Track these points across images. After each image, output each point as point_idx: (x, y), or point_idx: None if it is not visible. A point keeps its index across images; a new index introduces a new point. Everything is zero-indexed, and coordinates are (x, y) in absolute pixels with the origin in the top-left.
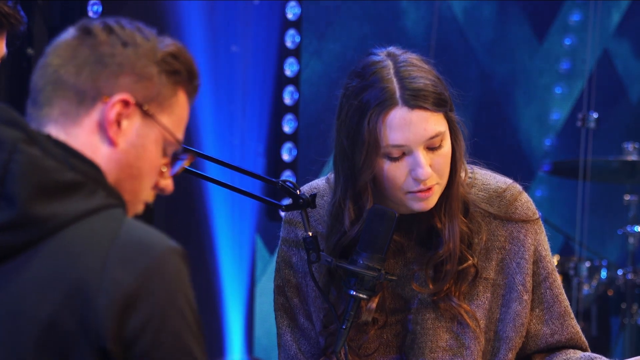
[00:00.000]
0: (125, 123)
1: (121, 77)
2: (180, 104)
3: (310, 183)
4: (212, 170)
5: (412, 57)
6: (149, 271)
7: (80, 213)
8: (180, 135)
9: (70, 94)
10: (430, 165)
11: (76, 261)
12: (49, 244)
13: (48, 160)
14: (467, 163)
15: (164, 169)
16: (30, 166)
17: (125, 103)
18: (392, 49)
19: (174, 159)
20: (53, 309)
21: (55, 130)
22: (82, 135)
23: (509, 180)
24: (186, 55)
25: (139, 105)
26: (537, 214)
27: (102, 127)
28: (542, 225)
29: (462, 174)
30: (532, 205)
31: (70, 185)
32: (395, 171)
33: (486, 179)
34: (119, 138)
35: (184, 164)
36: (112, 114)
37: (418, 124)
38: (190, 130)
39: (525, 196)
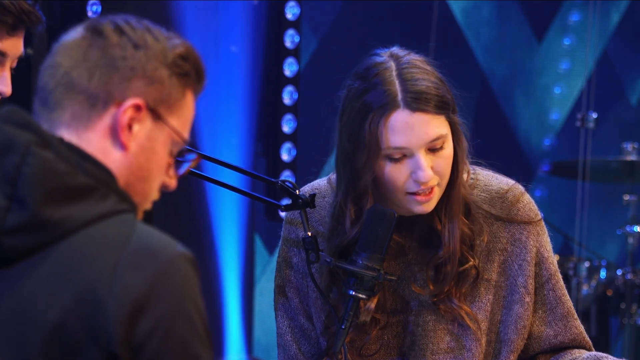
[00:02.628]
0: (136, 127)
1: (133, 81)
2: (188, 104)
3: (311, 183)
4: (212, 170)
5: (415, 59)
6: (158, 276)
7: (91, 217)
8: (187, 135)
9: (82, 97)
10: (431, 167)
11: (86, 265)
12: (59, 247)
13: (61, 164)
14: (470, 164)
15: (171, 169)
16: (42, 169)
17: (137, 107)
18: (395, 49)
19: (181, 158)
20: (61, 312)
21: (68, 134)
22: (94, 140)
23: (511, 181)
24: (195, 56)
25: (150, 109)
26: (540, 215)
27: (114, 132)
28: (545, 227)
29: (465, 176)
30: (535, 207)
31: (83, 189)
32: (396, 173)
33: (488, 180)
34: (130, 142)
35: (191, 165)
36: (125, 119)
37: (419, 127)
38: (190, 130)
39: (527, 197)
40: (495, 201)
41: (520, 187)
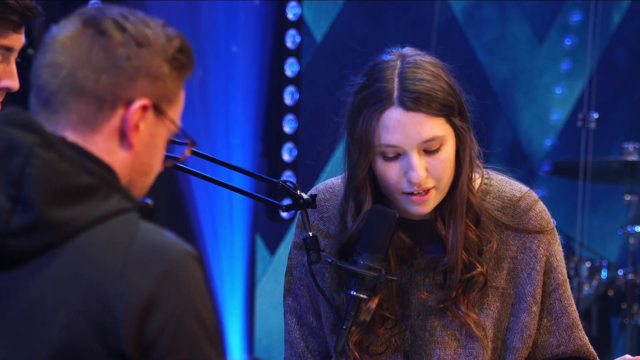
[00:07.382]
0: (142, 126)
1: (139, 81)
2: (182, 94)
3: (325, 181)
4: (213, 170)
5: (423, 60)
6: (165, 275)
7: (96, 217)
8: (179, 121)
9: (90, 99)
10: (427, 169)
11: (93, 266)
12: (65, 248)
13: (64, 164)
14: (484, 168)
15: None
16: (46, 170)
17: (144, 107)
18: (407, 49)
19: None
20: (69, 313)
21: (74, 137)
22: (100, 142)
23: (525, 188)
24: (188, 46)
25: (154, 107)
26: (552, 224)
27: (122, 132)
28: (557, 235)
29: (478, 181)
30: (547, 215)
31: (86, 189)
32: (390, 171)
33: (502, 186)
34: (137, 141)
35: (185, 154)
36: (134, 120)
37: (412, 126)
38: (191, 130)
39: (540, 205)
40: (508, 209)
41: (533, 195)
